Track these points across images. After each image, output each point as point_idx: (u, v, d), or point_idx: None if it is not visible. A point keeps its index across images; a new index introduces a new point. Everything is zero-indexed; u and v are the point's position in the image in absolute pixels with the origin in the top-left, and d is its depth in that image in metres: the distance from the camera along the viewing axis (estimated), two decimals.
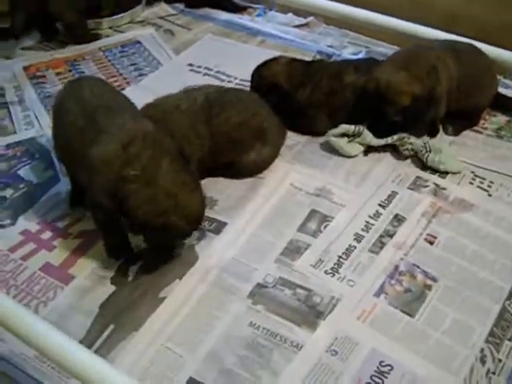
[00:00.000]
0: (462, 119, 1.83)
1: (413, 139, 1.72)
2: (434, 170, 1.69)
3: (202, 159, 1.60)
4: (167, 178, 1.34)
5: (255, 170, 1.70)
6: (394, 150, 1.75)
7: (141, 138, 1.37)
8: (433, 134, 1.79)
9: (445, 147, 1.73)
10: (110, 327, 1.35)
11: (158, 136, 1.40)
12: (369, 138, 1.72)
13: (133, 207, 1.33)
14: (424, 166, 1.71)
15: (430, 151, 1.70)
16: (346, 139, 1.73)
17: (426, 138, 1.74)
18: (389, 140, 1.73)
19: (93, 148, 1.36)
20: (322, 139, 1.80)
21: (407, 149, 1.72)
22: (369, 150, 1.75)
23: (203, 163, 1.60)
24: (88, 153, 1.37)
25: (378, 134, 1.73)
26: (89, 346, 1.26)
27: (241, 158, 1.68)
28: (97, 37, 2.34)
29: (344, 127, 1.72)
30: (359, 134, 1.72)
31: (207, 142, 1.61)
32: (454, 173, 1.69)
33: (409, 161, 1.74)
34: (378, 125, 1.72)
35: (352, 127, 1.72)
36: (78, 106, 1.47)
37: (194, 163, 1.49)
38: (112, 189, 1.33)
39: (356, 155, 1.74)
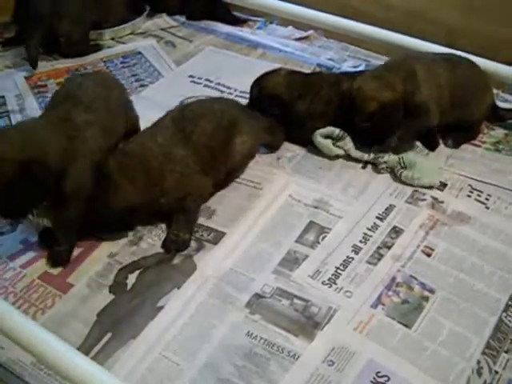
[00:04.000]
0: (461, 132, 1.84)
1: (387, 157, 1.73)
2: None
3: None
4: None
5: (245, 160, 1.72)
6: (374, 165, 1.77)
7: None
8: (433, 147, 1.81)
9: (420, 160, 1.74)
10: (107, 335, 1.35)
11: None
12: (349, 145, 1.76)
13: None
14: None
15: (404, 167, 1.71)
16: (330, 141, 1.77)
17: (402, 153, 1.74)
18: (365, 156, 1.75)
19: None
20: (321, 152, 1.81)
21: (383, 168, 1.74)
22: (358, 161, 1.78)
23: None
24: None
25: (359, 143, 1.76)
26: (86, 354, 1.26)
27: (231, 149, 1.65)
28: (97, 48, 2.35)
29: (329, 129, 1.76)
30: (342, 139, 1.75)
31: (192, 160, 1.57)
32: (427, 187, 1.68)
33: None
34: (355, 133, 1.75)
35: (336, 130, 1.76)
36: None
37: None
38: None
39: (336, 157, 1.78)
